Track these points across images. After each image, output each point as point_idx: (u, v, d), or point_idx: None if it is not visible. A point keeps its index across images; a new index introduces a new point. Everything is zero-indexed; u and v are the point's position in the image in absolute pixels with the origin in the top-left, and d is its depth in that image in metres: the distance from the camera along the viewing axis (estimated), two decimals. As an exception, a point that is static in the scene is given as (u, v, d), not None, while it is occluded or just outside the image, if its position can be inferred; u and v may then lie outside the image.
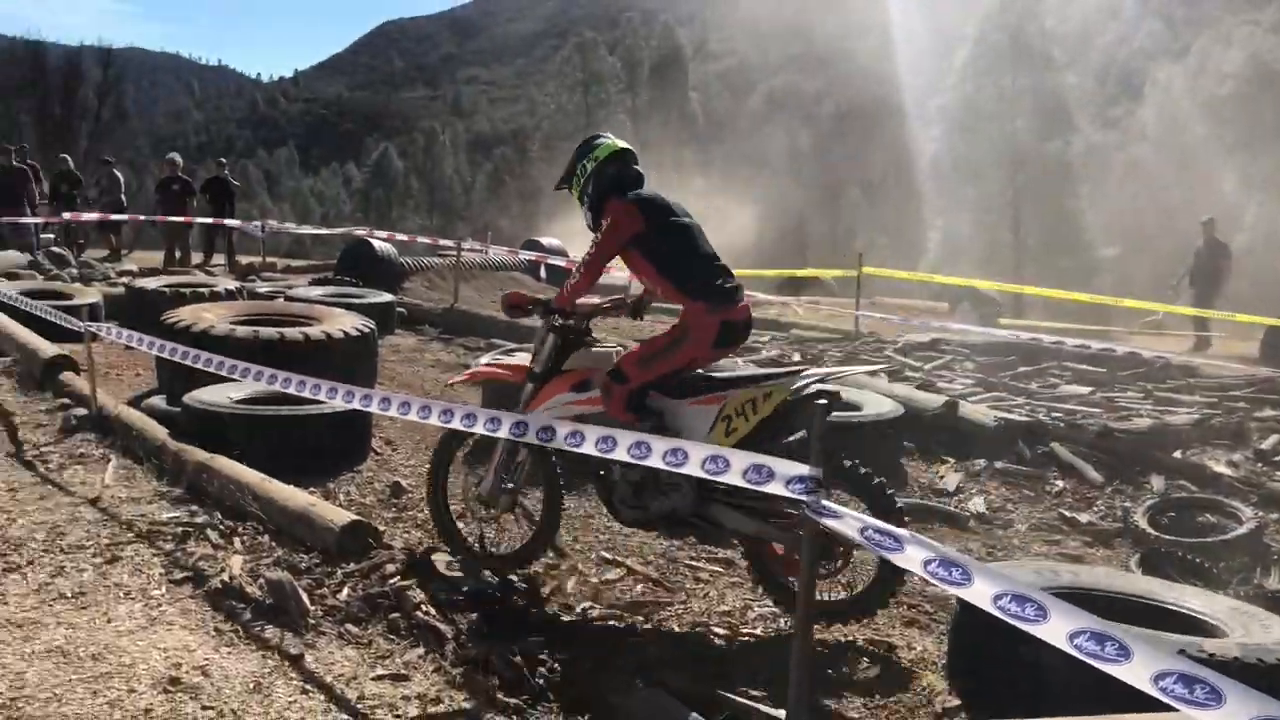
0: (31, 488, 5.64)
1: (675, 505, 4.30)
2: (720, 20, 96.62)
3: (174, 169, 17.53)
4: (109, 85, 52.62)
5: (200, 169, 27.72)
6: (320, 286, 12.10)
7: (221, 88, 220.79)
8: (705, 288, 4.32)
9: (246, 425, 6.29)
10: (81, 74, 52.36)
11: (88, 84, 52.68)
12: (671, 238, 4.42)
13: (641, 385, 4.29)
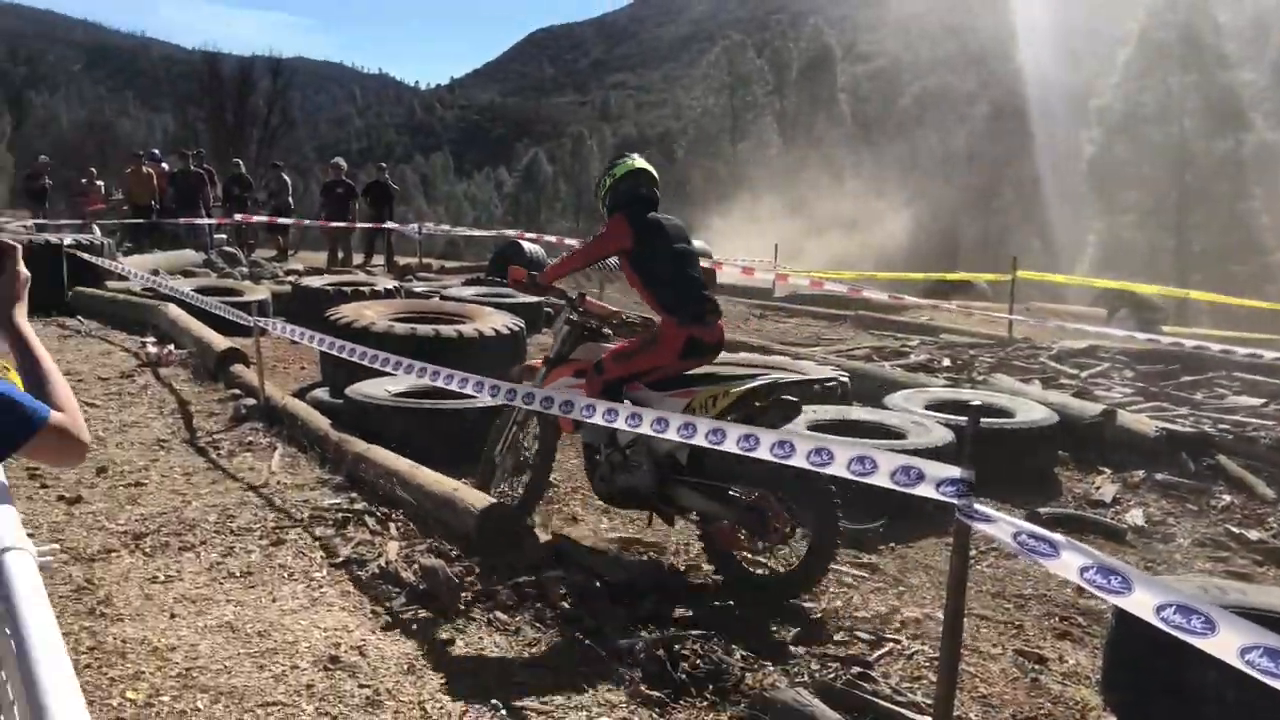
0: (205, 473, 5.98)
1: (636, 483, 4.80)
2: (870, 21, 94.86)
3: (338, 173, 18.29)
4: (278, 93, 55.03)
5: (361, 173, 28.75)
6: (473, 286, 12.42)
7: (382, 95, 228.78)
8: (678, 305, 4.79)
9: (403, 417, 6.54)
10: (253, 83, 54.91)
11: (258, 92, 55.22)
12: (659, 258, 4.87)
13: (617, 377, 4.81)
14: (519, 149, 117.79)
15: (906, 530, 5.56)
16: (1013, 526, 2.77)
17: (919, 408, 6.98)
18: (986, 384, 9.00)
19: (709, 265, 15.25)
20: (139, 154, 19.90)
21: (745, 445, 3.68)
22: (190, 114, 55.71)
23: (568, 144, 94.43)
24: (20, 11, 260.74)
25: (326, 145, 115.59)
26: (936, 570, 5.08)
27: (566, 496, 5.95)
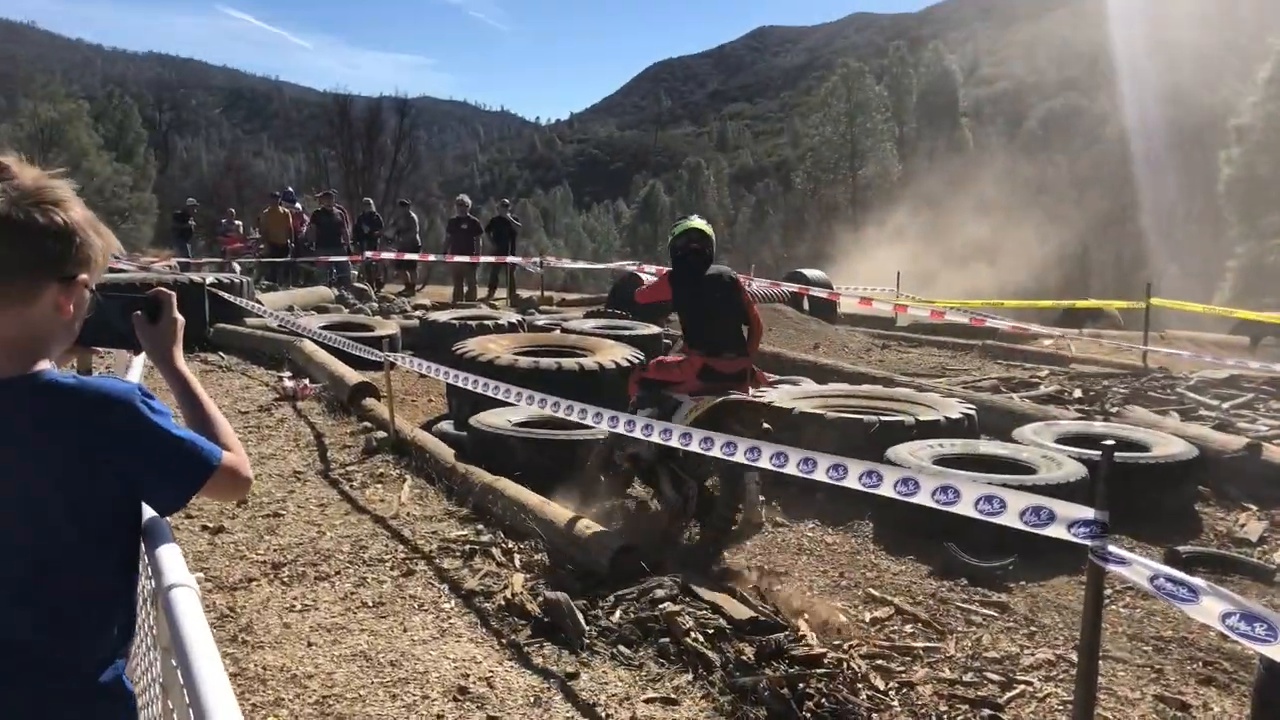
0: (338, 504, 6.18)
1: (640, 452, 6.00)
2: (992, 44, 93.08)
3: (463, 210, 18.77)
4: (404, 133, 56.66)
5: (484, 208, 29.50)
6: (593, 319, 12.59)
7: (503, 132, 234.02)
8: (697, 342, 6.04)
9: (524, 446, 6.67)
10: (381, 123, 56.72)
11: (386, 132, 56.94)
12: (689, 306, 6.18)
13: (652, 379, 6.23)
14: (637, 181, 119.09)
15: (1037, 568, 5.39)
16: (1149, 569, 2.67)
17: (1050, 441, 6.79)
18: (1120, 416, 8.69)
19: (826, 296, 15.12)
20: (275, 195, 20.78)
21: (868, 482, 3.67)
22: (321, 154, 57.79)
23: (685, 175, 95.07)
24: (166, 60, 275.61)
25: (450, 181, 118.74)
26: (1070, 610, 4.92)
27: (688, 531, 5.95)
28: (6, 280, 1.53)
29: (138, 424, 1.58)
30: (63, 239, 1.55)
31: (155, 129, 70.00)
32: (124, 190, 52.82)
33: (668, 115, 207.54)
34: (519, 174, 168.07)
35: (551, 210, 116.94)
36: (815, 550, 5.72)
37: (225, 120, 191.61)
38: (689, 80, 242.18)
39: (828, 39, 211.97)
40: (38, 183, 1.56)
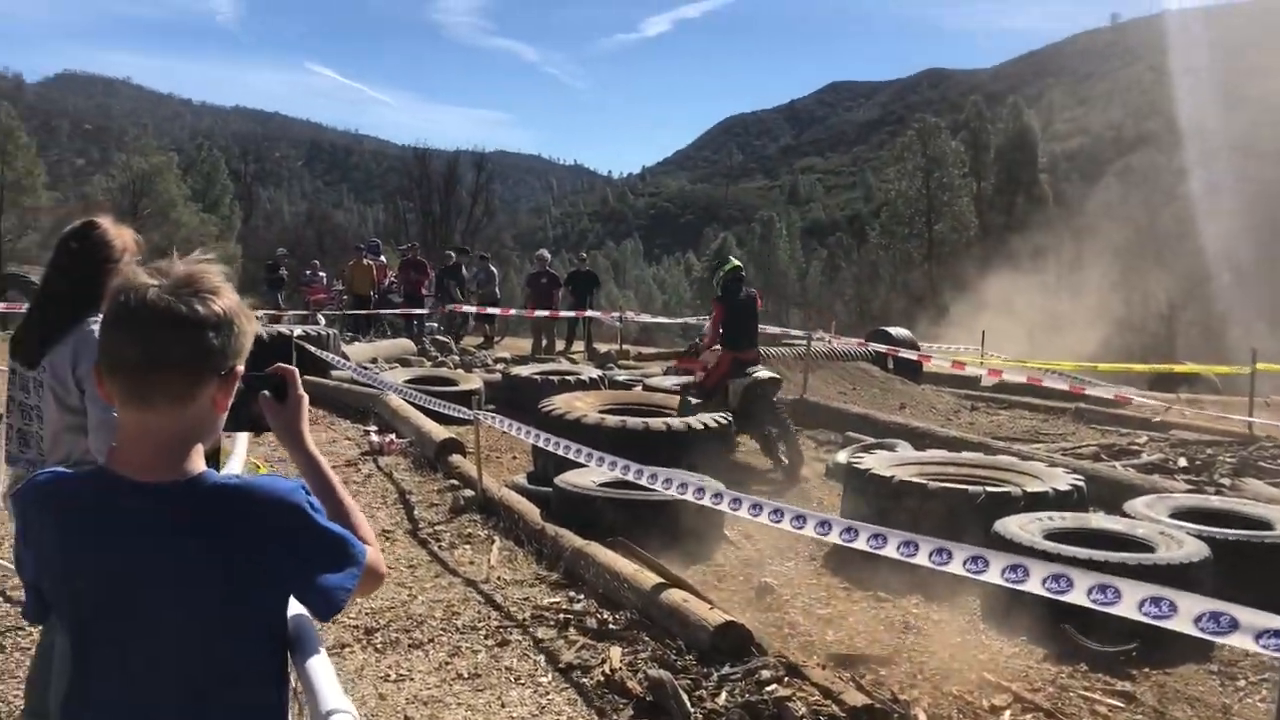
0: (428, 565, 6.08)
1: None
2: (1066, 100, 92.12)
3: (543, 264, 18.91)
4: (481, 186, 57.68)
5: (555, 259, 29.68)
6: (673, 376, 12.45)
7: (576, 185, 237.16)
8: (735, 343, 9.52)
9: (610, 508, 6.54)
10: (458, 176, 57.79)
11: (463, 185, 57.99)
12: (734, 318, 9.57)
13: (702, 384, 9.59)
14: (707, 234, 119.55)
15: (1161, 653, 5.08)
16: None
17: (1164, 516, 6.46)
18: (1236, 489, 8.29)
19: (914, 357, 14.81)
20: (360, 247, 21.14)
21: (974, 568, 3.57)
22: (400, 206, 58.94)
23: (757, 228, 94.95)
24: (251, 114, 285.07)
25: (524, 234, 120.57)
26: (1203, 704, 4.61)
27: (785, 604, 5.75)
28: (167, 377, 1.45)
29: (307, 528, 1.50)
30: (222, 330, 1.47)
31: (240, 181, 72.00)
32: (210, 240, 54.15)
33: (739, 169, 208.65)
34: (590, 226, 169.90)
35: (622, 262, 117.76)
36: (922, 628, 5.47)
37: (307, 172, 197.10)
38: (761, 134, 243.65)
39: (900, 94, 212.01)
40: (192, 271, 1.49)
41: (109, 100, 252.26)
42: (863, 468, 6.92)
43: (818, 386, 12.90)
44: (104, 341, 1.47)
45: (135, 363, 1.43)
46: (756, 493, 8.49)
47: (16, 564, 1.61)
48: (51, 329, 3.04)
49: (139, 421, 1.47)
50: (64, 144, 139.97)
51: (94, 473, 1.50)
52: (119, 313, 1.45)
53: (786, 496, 8.50)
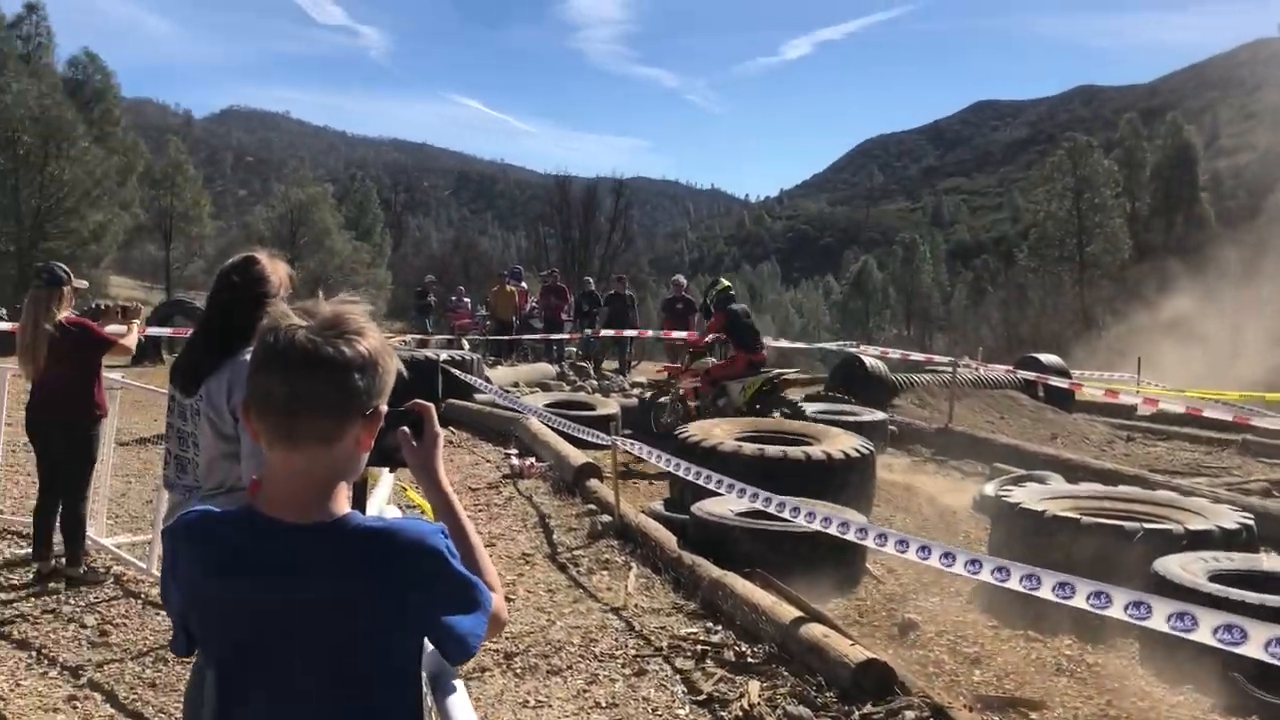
0: (566, 590, 6.12)
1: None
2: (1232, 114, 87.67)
3: (679, 289, 18.93)
4: (619, 212, 58.33)
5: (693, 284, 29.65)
6: (813, 403, 12.29)
7: (713, 210, 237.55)
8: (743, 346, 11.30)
9: (748, 537, 6.45)
10: (598, 203, 58.59)
11: (602, 211, 58.74)
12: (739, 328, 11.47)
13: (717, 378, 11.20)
14: (847, 257, 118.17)
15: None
16: None
17: (1345, 559, 6.02)
18: None
19: (1065, 385, 14.25)
20: (503, 274, 21.60)
21: (1135, 613, 3.43)
22: (541, 232, 60.06)
23: (898, 251, 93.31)
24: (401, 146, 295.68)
25: (661, 258, 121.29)
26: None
27: (930, 641, 5.56)
28: (314, 418, 1.46)
29: (447, 574, 1.52)
30: (367, 371, 1.48)
31: (391, 210, 74.69)
32: (361, 267, 56.35)
33: (880, 190, 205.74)
34: (727, 250, 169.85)
35: (759, 286, 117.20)
36: (1075, 671, 5.21)
37: (454, 201, 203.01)
38: (903, 155, 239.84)
39: (1050, 112, 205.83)
40: (338, 312, 1.50)
41: (270, 134, 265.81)
42: (1012, 501, 6.67)
43: (964, 415, 12.53)
44: (253, 382, 1.49)
45: (283, 404, 1.45)
46: (899, 524, 8.31)
47: (164, 597, 1.64)
48: (209, 358, 3.16)
49: (286, 461, 1.49)
50: (228, 175, 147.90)
51: (242, 512, 1.53)
52: (267, 354, 1.47)
53: (931, 529, 8.27)
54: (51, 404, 5.79)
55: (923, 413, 13.24)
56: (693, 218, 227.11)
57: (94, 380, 5.93)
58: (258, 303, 3.12)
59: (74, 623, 5.35)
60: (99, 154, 44.42)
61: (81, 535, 5.98)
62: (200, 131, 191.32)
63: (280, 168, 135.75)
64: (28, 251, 42.74)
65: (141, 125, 71.34)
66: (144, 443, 9.92)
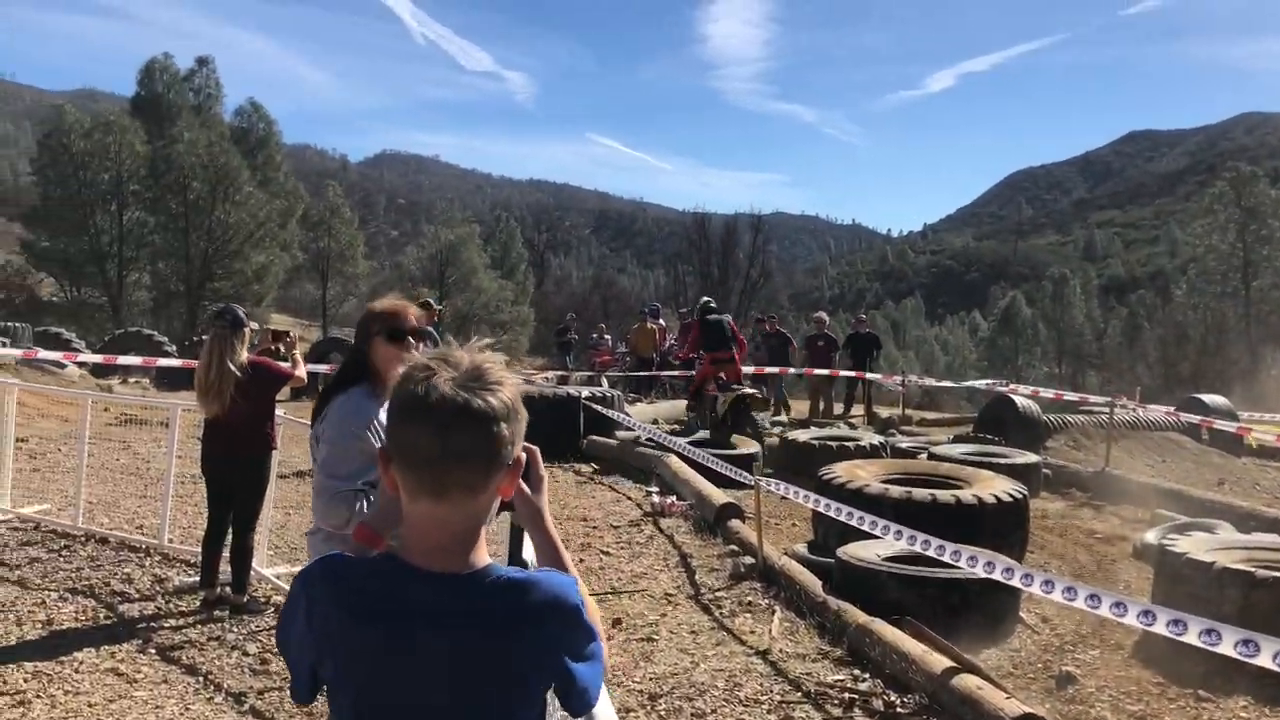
0: (709, 632, 6.07)
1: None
2: None
3: (821, 326, 18.76)
4: (758, 248, 58.19)
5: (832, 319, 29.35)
6: (961, 444, 11.95)
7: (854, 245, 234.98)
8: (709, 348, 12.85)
9: (895, 583, 6.29)
10: (736, 239, 58.60)
11: (740, 248, 58.70)
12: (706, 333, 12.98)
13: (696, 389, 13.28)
14: (994, 292, 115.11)
15: None
16: None
17: None
18: None
19: (1233, 429, 13.47)
20: (644, 311, 21.80)
21: (1244, 651, 3.49)
22: (679, 269, 60.37)
23: (1048, 286, 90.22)
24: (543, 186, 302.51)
25: (800, 294, 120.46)
26: None
27: (1090, 697, 5.31)
28: (464, 471, 1.46)
29: (581, 627, 1.52)
30: (509, 421, 1.48)
31: (534, 248, 76.28)
32: (506, 305, 57.66)
33: (1029, 224, 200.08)
34: (869, 286, 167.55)
35: (902, 322, 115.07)
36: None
37: (594, 239, 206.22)
38: (1052, 188, 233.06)
39: (1210, 141, 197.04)
40: (479, 362, 1.50)
41: (420, 177, 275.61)
42: (1178, 550, 6.32)
43: (1121, 458, 12.00)
44: (398, 434, 1.48)
45: (433, 457, 1.44)
46: (1055, 567, 7.99)
47: (281, 642, 1.61)
48: (328, 396, 3.31)
49: (431, 513, 1.48)
50: (380, 217, 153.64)
51: (382, 559, 1.53)
52: (414, 405, 1.45)
53: (1089, 578, 7.92)
54: (229, 440, 6.07)
55: (1078, 455, 12.72)
56: (833, 253, 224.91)
57: (269, 416, 6.22)
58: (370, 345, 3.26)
59: (237, 650, 5.59)
60: (262, 198, 46.88)
61: (248, 565, 6.25)
62: (355, 175, 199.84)
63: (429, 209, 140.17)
64: (196, 291, 45.31)
65: (301, 170, 74.89)
66: (302, 475, 10.33)
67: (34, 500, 8.97)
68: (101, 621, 6.00)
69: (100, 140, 44.48)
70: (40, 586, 6.63)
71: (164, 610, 6.26)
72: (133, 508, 8.90)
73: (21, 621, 5.93)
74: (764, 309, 51.30)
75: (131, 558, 7.31)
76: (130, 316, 44.71)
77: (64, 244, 45.28)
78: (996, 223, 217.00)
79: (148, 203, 45.72)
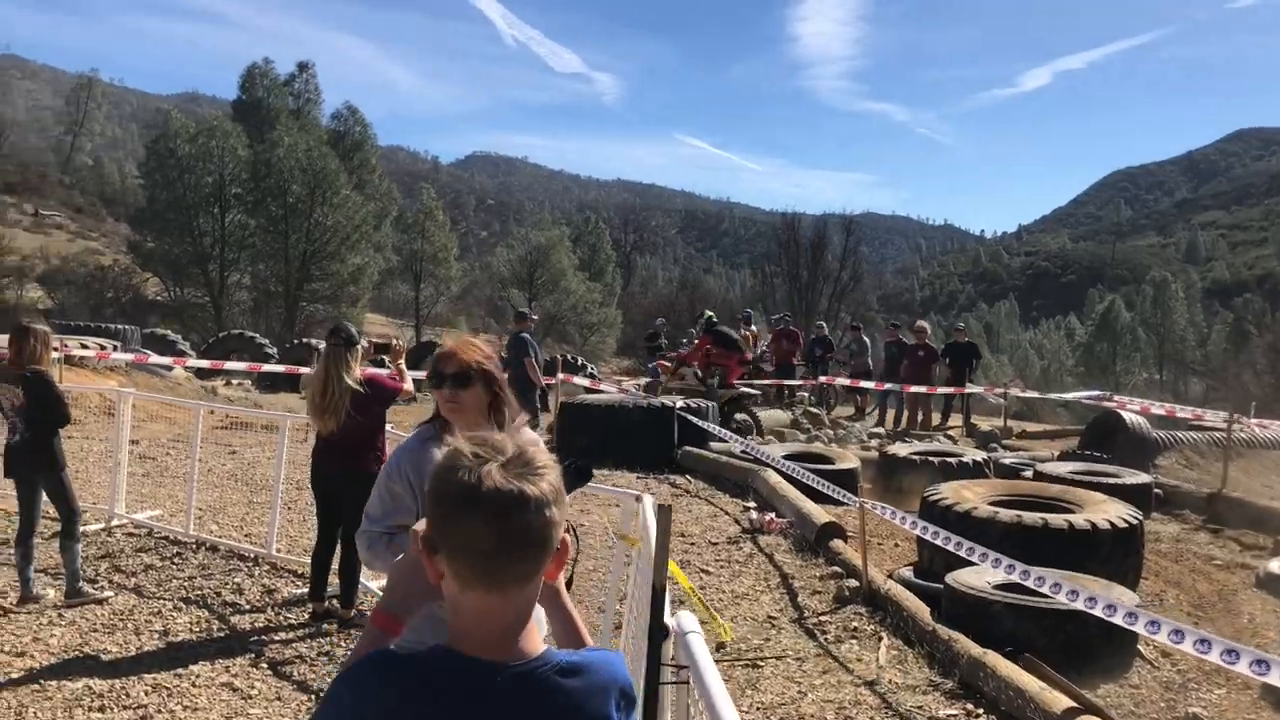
0: (815, 659, 5.96)
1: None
2: None
3: (922, 336, 18.36)
4: (850, 250, 57.41)
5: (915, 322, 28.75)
6: (1068, 462, 11.58)
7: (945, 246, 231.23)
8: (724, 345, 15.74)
9: (1010, 614, 6.08)
10: (825, 241, 57.91)
11: (831, 249, 58.00)
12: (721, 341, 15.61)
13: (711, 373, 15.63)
14: (1091, 295, 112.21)
15: None
16: None
17: None
18: None
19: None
20: (737, 317, 21.65)
21: None
22: (767, 270, 59.89)
23: (1148, 289, 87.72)
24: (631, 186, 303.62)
25: (890, 295, 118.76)
26: None
27: None
28: (520, 561, 1.43)
29: (634, 700, 1.54)
30: (557, 505, 1.45)
31: (620, 249, 76.50)
32: (594, 306, 57.93)
33: (1128, 225, 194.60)
34: (960, 288, 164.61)
35: (995, 326, 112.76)
36: None
37: (680, 239, 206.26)
38: (1153, 188, 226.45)
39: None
40: (523, 448, 1.46)
41: (509, 177, 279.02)
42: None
43: (1239, 479, 11.51)
44: (449, 525, 1.43)
45: (490, 549, 1.40)
46: (1172, 603, 7.68)
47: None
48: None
49: (485, 604, 1.44)
50: (470, 218, 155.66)
51: (436, 651, 1.47)
52: (466, 496, 1.40)
53: (1208, 609, 7.61)
54: (341, 455, 6.15)
55: (1191, 474, 12.25)
56: (924, 254, 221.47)
57: (380, 430, 6.29)
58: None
59: (347, 666, 5.63)
60: (358, 201, 47.83)
61: (357, 580, 6.32)
62: (446, 176, 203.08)
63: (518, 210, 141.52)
64: (294, 292, 46.40)
65: (393, 171, 76.18)
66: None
67: (146, 505, 9.23)
68: (215, 633, 6.13)
69: (204, 144, 45.90)
70: (155, 595, 6.80)
71: (274, 623, 6.37)
72: (239, 514, 9.11)
73: (140, 631, 6.08)
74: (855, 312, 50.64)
75: (241, 567, 7.46)
76: (231, 316, 46.04)
77: (169, 245, 46.82)
78: (1093, 224, 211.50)
79: (249, 205, 47.00)
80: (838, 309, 52.33)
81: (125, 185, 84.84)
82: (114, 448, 9.10)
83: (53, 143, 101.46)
